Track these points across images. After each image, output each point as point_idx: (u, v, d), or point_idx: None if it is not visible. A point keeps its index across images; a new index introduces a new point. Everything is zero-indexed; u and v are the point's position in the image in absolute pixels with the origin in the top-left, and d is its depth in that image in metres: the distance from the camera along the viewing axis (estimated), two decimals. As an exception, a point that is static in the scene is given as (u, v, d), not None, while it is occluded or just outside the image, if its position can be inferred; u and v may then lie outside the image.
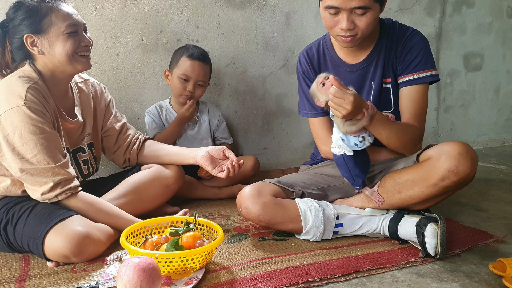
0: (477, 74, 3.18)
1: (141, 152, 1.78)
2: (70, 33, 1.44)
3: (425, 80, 1.58)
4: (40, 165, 1.36)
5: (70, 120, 1.55)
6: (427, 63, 1.58)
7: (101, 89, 1.75)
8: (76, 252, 1.31)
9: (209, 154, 1.64)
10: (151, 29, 2.22)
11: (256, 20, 2.45)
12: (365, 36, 1.54)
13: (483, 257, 1.42)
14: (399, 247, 1.47)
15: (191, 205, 1.97)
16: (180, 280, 1.22)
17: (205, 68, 2.08)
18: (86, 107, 1.66)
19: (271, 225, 1.53)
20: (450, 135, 3.17)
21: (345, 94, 1.36)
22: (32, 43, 1.43)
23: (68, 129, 1.55)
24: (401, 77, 1.60)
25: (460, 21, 3.03)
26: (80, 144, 1.61)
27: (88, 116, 1.66)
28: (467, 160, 1.37)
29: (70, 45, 1.44)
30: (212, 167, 1.62)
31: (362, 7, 1.44)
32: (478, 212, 1.86)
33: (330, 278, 1.26)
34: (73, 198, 1.41)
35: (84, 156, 1.62)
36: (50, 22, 1.42)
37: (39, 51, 1.44)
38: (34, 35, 1.42)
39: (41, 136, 1.36)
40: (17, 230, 1.37)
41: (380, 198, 1.52)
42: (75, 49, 1.46)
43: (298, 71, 1.77)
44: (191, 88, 2.06)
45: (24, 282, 1.24)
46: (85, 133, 1.63)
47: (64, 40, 1.43)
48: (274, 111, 2.59)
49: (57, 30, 1.43)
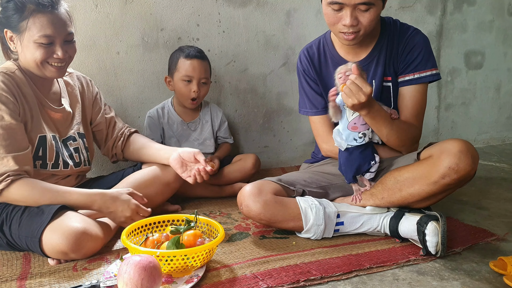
0: (478, 72, 3.18)
1: (126, 148, 1.79)
2: (42, 44, 1.43)
3: (425, 79, 1.58)
4: None
5: (55, 109, 1.56)
6: (427, 62, 1.58)
7: (87, 82, 1.76)
8: (74, 248, 1.30)
9: (180, 157, 1.65)
10: (151, 27, 2.21)
11: (257, 18, 2.45)
12: (367, 34, 1.54)
13: (484, 255, 1.42)
14: (399, 245, 1.48)
15: (192, 203, 1.97)
16: (181, 278, 1.22)
17: (204, 64, 2.08)
18: (73, 98, 1.67)
19: (271, 223, 1.53)
20: (451, 133, 3.16)
21: (364, 83, 1.37)
22: (11, 38, 1.46)
23: (55, 119, 1.56)
24: (401, 76, 1.61)
25: (461, 19, 3.03)
26: (70, 132, 1.62)
27: (76, 107, 1.67)
28: (468, 157, 1.37)
29: (39, 54, 1.44)
30: (182, 171, 1.64)
31: (366, 3, 1.44)
32: (479, 210, 1.86)
33: (331, 276, 1.26)
34: (15, 184, 1.35)
35: (74, 144, 1.62)
36: (26, 26, 1.42)
37: (14, 47, 1.47)
38: (12, 31, 1.45)
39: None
40: (13, 230, 1.36)
41: (359, 198, 1.55)
42: (45, 59, 1.46)
43: (299, 70, 1.77)
44: (196, 88, 2.06)
45: (25, 280, 1.24)
46: (74, 122, 1.65)
47: (34, 48, 1.43)
48: (275, 109, 2.58)
49: (30, 36, 1.43)
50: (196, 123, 2.19)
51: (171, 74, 2.10)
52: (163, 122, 2.13)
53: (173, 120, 2.15)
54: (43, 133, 1.50)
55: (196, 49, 2.08)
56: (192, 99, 2.07)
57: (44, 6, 1.42)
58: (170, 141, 2.13)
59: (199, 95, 2.07)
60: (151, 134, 2.10)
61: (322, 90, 1.73)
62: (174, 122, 2.14)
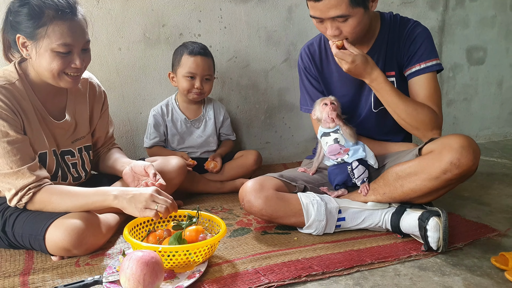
0: (480, 68, 3.17)
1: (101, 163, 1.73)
2: (59, 53, 1.35)
3: (432, 68, 1.57)
4: (2, 170, 1.32)
5: (55, 122, 1.49)
6: (431, 52, 1.58)
7: (100, 91, 1.68)
8: (76, 244, 1.31)
9: (132, 171, 1.56)
10: (153, 23, 2.21)
11: (258, 14, 2.44)
12: (358, 38, 1.54)
13: (485, 250, 1.42)
14: (401, 241, 1.48)
15: (193, 199, 1.97)
16: (183, 273, 1.22)
17: (208, 61, 2.08)
18: (81, 107, 1.59)
19: (273, 219, 1.53)
20: (452, 129, 3.16)
21: (345, 55, 1.48)
22: (23, 44, 1.36)
23: (56, 132, 1.50)
24: (408, 69, 1.60)
25: (463, 14, 3.02)
26: (70, 147, 1.55)
27: (83, 117, 1.60)
28: (469, 153, 1.37)
29: (57, 64, 1.36)
30: (134, 185, 1.54)
31: (340, 16, 1.44)
32: (480, 206, 1.86)
33: (332, 271, 1.27)
34: (37, 195, 1.35)
35: (72, 160, 1.56)
36: (44, 33, 1.32)
37: (27, 54, 1.37)
38: (26, 38, 1.35)
39: (4, 140, 1.32)
40: (16, 229, 1.36)
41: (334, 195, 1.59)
42: (62, 69, 1.38)
43: (300, 67, 1.77)
44: (199, 85, 2.06)
45: (28, 275, 1.25)
46: (77, 135, 1.58)
47: (52, 57, 1.35)
48: (277, 105, 2.58)
49: (48, 44, 1.33)
50: (199, 120, 2.19)
51: (174, 70, 2.10)
52: (167, 119, 2.14)
53: (177, 118, 2.15)
54: (44, 149, 1.44)
55: (199, 46, 2.08)
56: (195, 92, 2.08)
57: (64, 13, 1.33)
58: (173, 139, 2.14)
59: (202, 91, 2.08)
60: (154, 132, 2.11)
61: (324, 87, 1.72)
62: (178, 120, 2.14)
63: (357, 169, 1.56)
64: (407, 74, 1.60)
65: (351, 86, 1.68)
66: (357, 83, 1.67)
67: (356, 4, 1.43)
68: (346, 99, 1.69)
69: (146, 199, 1.31)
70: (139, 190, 1.33)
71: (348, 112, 1.71)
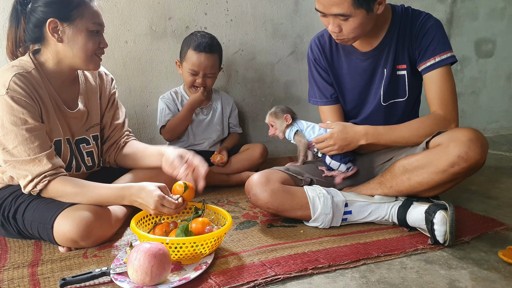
0: (489, 61, 3.14)
1: (118, 157, 1.69)
2: (93, 31, 1.42)
3: (446, 61, 1.55)
4: (20, 157, 1.33)
5: (69, 112, 1.51)
6: (445, 45, 1.56)
7: (108, 79, 1.69)
8: (84, 235, 1.32)
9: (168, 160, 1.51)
10: (159, 16, 2.21)
11: (265, 7, 2.43)
12: (358, 38, 1.53)
13: (492, 244, 1.41)
14: (407, 234, 1.47)
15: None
16: (190, 265, 1.23)
17: (212, 59, 2.07)
18: (92, 96, 1.61)
19: (279, 212, 1.54)
20: (460, 123, 3.05)
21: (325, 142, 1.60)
22: (54, 28, 1.39)
23: (70, 120, 1.52)
24: (422, 64, 1.58)
25: (472, 6, 2.99)
26: (84, 134, 1.58)
27: (94, 106, 1.61)
28: (477, 146, 1.36)
29: (92, 44, 1.43)
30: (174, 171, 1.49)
31: (341, 14, 1.43)
32: (488, 199, 1.85)
33: (339, 264, 1.27)
34: (51, 183, 1.36)
35: (88, 148, 1.58)
36: (81, 14, 1.39)
37: (59, 38, 1.40)
38: (59, 21, 1.38)
39: (23, 127, 1.33)
40: (27, 217, 1.38)
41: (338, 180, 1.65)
42: (96, 48, 1.45)
43: (309, 59, 1.76)
44: (201, 81, 2.07)
45: (37, 267, 1.26)
46: (90, 123, 1.60)
47: (87, 36, 1.41)
48: (283, 98, 2.58)
49: (84, 24, 1.40)
50: (208, 109, 2.21)
51: (180, 60, 2.12)
52: (177, 103, 2.15)
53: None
54: (59, 137, 1.47)
55: (207, 41, 2.05)
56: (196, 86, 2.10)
57: None
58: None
59: (204, 86, 2.08)
60: (170, 113, 2.12)
61: (333, 79, 1.72)
62: None
63: (332, 163, 1.63)
64: (421, 69, 1.58)
65: (360, 79, 1.68)
66: (366, 76, 1.66)
67: (359, 5, 1.42)
68: (355, 92, 1.69)
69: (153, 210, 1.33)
70: (146, 198, 1.33)
71: (357, 105, 1.71)
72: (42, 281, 1.18)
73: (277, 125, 1.71)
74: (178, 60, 2.14)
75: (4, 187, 1.47)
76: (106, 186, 1.40)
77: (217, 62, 2.11)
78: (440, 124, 1.54)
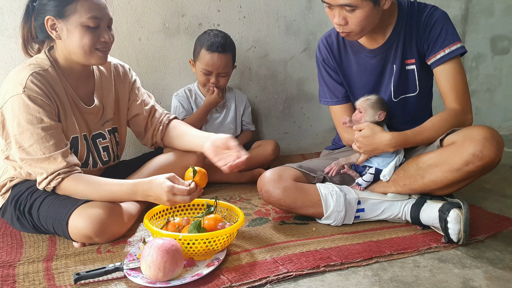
0: (505, 58, 3.10)
1: (165, 136, 1.72)
2: (89, 27, 1.39)
3: (456, 52, 1.53)
4: (36, 155, 1.35)
5: (85, 108, 1.52)
6: (453, 35, 1.54)
7: (125, 70, 1.69)
8: (98, 232, 1.34)
9: (213, 146, 1.52)
10: (172, 13, 2.22)
11: (278, 3, 2.43)
12: (364, 32, 1.52)
13: (507, 243, 1.40)
14: (421, 233, 1.46)
15: (211, 188, 1.98)
16: (202, 261, 1.24)
17: (225, 58, 2.06)
18: (107, 91, 1.62)
19: (291, 209, 1.54)
20: (475, 120, 3.03)
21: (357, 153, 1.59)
22: (52, 26, 1.40)
23: (86, 116, 1.53)
24: (432, 57, 1.56)
25: (488, 2, 2.94)
26: (100, 129, 1.59)
27: (109, 101, 1.62)
28: (493, 144, 1.34)
29: (88, 40, 1.40)
30: (217, 159, 1.50)
31: (348, 5, 1.42)
32: (502, 198, 1.83)
33: (351, 262, 1.26)
34: (64, 181, 1.38)
35: (104, 143, 1.60)
36: (74, 9, 1.37)
37: (57, 35, 1.41)
38: (55, 18, 1.38)
39: (38, 126, 1.34)
40: (42, 212, 1.40)
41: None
42: (93, 43, 1.41)
43: (318, 59, 1.75)
44: (214, 81, 2.07)
45: (51, 261, 1.28)
46: (105, 118, 1.61)
47: (82, 32, 1.39)
48: (295, 95, 2.57)
49: (78, 19, 1.38)
50: (222, 107, 2.21)
51: (194, 59, 2.12)
52: (191, 101, 2.15)
53: (200, 102, 2.16)
54: (76, 134, 1.48)
55: (220, 40, 2.04)
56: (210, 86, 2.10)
57: None
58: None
59: (217, 85, 2.09)
60: (184, 111, 2.13)
61: (343, 79, 1.71)
62: (201, 104, 2.16)
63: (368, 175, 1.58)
64: (431, 62, 1.56)
65: (370, 76, 1.66)
66: (376, 73, 1.65)
67: None
68: (365, 90, 1.68)
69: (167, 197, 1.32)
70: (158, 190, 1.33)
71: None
72: (56, 275, 1.19)
73: (368, 114, 1.58)
74: (191, 59, 2.14)
75: (21, 181, 1.49)
76: (118, 183, 1.41)
77: (230, 61, 2.11)
78: (459, 117, 1.54)
